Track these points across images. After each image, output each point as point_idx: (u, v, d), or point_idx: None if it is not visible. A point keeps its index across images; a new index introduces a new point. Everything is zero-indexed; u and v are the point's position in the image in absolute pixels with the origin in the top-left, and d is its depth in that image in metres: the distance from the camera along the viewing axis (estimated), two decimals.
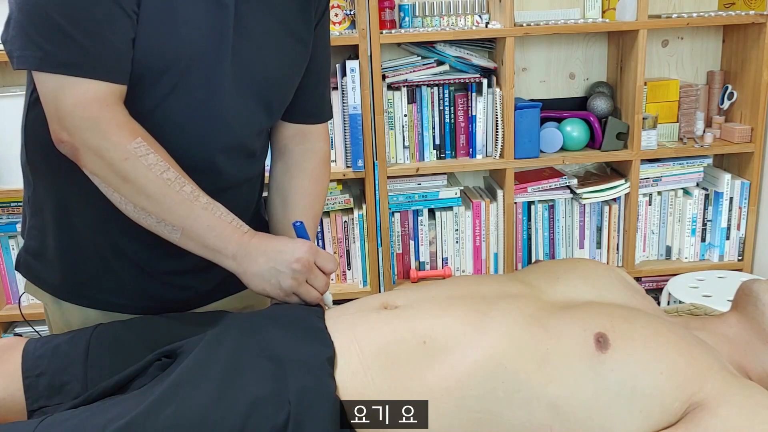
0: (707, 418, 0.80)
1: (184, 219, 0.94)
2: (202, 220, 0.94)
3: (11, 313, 2.34)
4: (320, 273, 1.01)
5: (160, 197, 0.92)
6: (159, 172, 0.91)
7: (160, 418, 0.80)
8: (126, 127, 0.91)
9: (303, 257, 0.98)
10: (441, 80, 2.27)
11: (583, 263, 1.08)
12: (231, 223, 0.96)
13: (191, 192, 0.93)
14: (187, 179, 0.94)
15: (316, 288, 1.01)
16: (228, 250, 0.96)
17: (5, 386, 0.94)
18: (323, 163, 1.24)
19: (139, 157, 0.90)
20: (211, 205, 0.95)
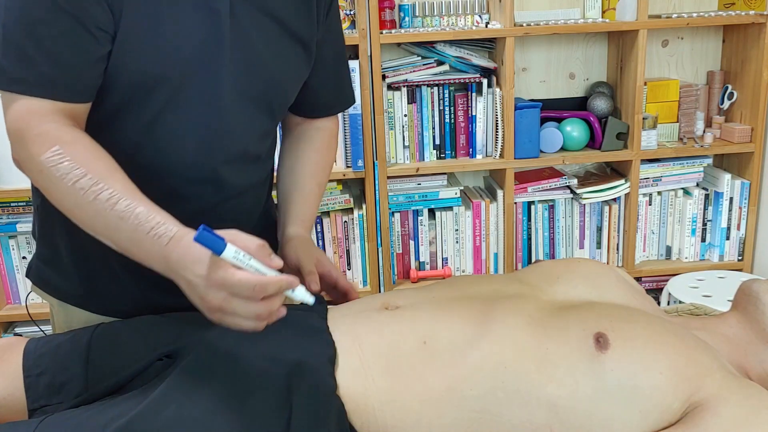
0: (707, 417, 0.80)
1: (105, 231, 0.83)
2: (121, 233, 0.82)
3: (11, 313, 2.34)
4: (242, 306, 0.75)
5: (75, 209, 0.84)
6: (71, 181, 0.81)
7: (160, 418, 0.80)
8: (47, 136, 0.83)
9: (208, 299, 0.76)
10: (441, 80, 2.27)
11: (583, 263, 1.07)
12: (148, 234, 0.80)
13: (107, 200, 0.81)
14: (108, 183, 0.82)
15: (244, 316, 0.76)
16: (155, 266, 0.82)
17: (6, 386, 0.94)
18: (331, 137, 1.23)
19: (51, 167, 0.82)
20: (128, 212, 0.80)
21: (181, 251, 0.78)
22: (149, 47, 0.89)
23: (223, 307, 0.75)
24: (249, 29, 0.97)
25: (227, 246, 0.72)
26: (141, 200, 0.82)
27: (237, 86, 0.97)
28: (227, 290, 0.73)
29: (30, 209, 2.26)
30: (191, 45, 0.91)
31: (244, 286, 0.73)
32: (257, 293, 0.73)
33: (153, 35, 0.89)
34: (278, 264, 0.77)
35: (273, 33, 1.01)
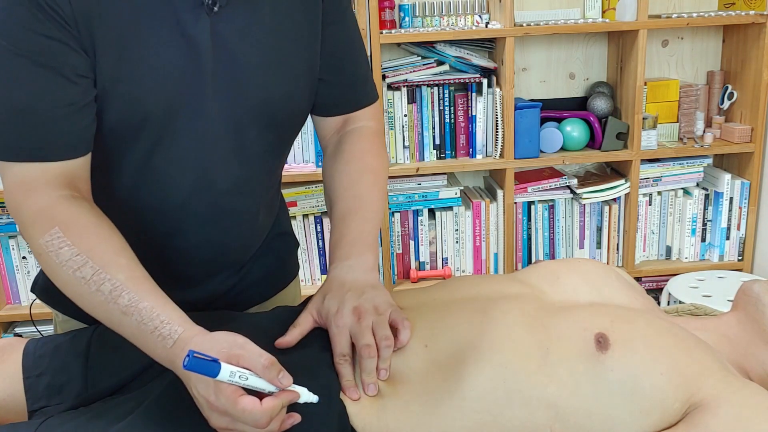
0: (707, 418, 0.80)
1: (109, 323, 0.79)
2: (125, 328, 0.78)
3: (11, 313, 2.34)
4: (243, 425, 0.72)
5: (77, 297, 0.79)
6: (72, 269, 0.77)
7: (161, 420, 0.80)
8: (43, 216, 0.79)
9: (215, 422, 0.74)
10: (441, 80, 2.27)
11: (584, 263, 1.07)
12: (152, 333, 0.76)
13: (110, 292, 0.76)
14: (111, 272, 0.77)
15: None
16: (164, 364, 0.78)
17: (5, 386, 0.94)
18: (364, 139, 1.06)
19: (50, 252, 0.78)
20: (131, 307, 0.76)
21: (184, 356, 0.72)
22: (128, 89, 0.84)
23: (230, 428, 0.73)
24: (236, 50, 0.89)
25: (222, 368, 0.69)
26: (146, 292, 0.78)
27: (230, 113, 0.91)
28: (231, 416, 0.71)
29: None
30: (171, 80, 0.86)
31: (247, 417, 0.71)
32: (261, 423, 0.71)
33: (130, 76, 0.84)
34: (287, 384, 0.74)
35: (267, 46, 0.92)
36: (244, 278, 1.10)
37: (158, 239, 0.96)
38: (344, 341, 0.85)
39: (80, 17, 0.79)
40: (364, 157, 1.04)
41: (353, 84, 1.08)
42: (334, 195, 1.02)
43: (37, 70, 0.78)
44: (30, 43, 0.78)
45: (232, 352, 0.72)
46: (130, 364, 0.92)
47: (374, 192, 1.02)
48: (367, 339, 0.84)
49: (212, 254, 1.01)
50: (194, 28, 0.86)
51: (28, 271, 2.34)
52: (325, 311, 0.89)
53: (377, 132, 1.09)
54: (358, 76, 1.08)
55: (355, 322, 0.86)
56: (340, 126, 1.09)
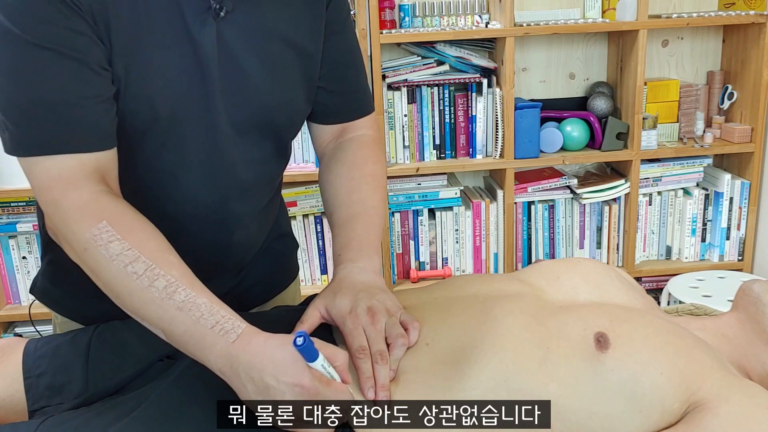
0: (707, 418, 0.80)
1: (159, 322, 0.77)
2: (178, 325, 0.76)
3: (11, 313, 2.34)
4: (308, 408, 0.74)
5: (126, 294, 0.77)
6: (123, 264, 0.75)
7: (162, 420, 0.80)
8: (88, 209, 0.78)
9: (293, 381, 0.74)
10: (441, 80, 2.27)
11: (584, 263, 1.07)
12: (213, 329, 0.75)
13: (164, 288, 0.75)
14: (165, 268, 0.77)
15: None
16: (211, 364, 0.77)
17: (6, 386, 0.94)
18: (365, 146, 1.06)
19: (99, 246, 0.76)
20: (189, 303, 0.75)
21: (254, 351, 0.74)
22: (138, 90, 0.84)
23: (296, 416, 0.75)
24: (240, 55, 0.90)
25: (320, 357, 0.74)
26: (201, 290, 0.77)
27: (233, 117, 0.92)
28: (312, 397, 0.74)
29: (30, 209, 2.26)
30: (178, 83, 0.86)
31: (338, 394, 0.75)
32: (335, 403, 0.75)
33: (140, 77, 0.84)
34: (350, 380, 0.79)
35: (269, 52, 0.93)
36: (245, 280, 1.10)
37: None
38: (362, 336, 0.85)
39: (98, 14, 0.80)
40: (366, 164, 1.05)
41: (352, 93, 1.08)
42: (336, 200, 1.03)
43: (63, 61, 0.78)
44: (53, 35, 0.77)
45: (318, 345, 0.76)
46: (130, 364, 0.92)
47: (377, 198, 1.03)
48: (381, 345, 0.85)
49: (213, 257, 1.01)
50: (201, 32, 0.86)
51: (28, 271, 2.34)
52: (336, 309, 0.88)
53: (376, 140, 1.09)
54: (358, 86, 1.09)
55: (369, 322, 0.86)
56: (337, 134, 1.09)
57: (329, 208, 1.04)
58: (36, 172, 0.80)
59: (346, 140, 1.08)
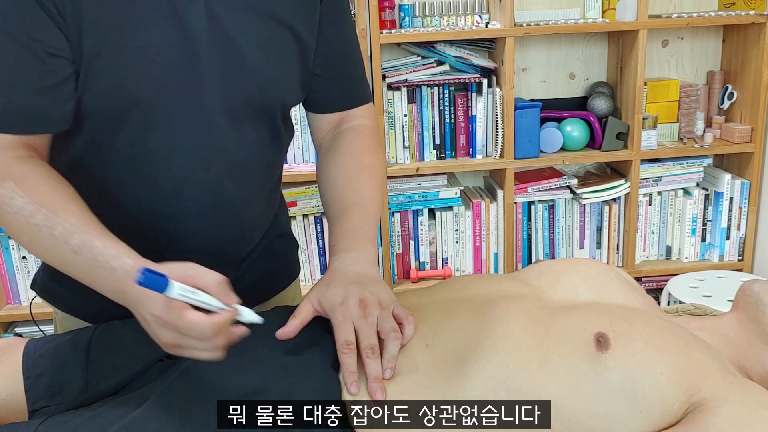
0: (708, 418, 0.80)
1: (62, 265, 0.82)
2: (77, 267, 0.81)
3: (11, 313, 2.34)
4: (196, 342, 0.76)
5: (30, 244, 0.83)
6: (25, 217, 0.80)
7: (162, 420, 0.80)
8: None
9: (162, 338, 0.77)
10: (441, 80, 2.27)
11: (584, 263, 1.07)
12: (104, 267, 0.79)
13: (61, 234, 0.79)
14: (62, 217, 0.80)
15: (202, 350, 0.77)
16: (117, 299, 0.80)
17: (6, 387, 0.94)
18: (362, 137, 1.06)
19: (3, 204, 0.81)
20: (84, 246, 0.79)
21: (135, 294, 0.75)
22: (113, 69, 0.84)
23: (179, 344, 0.76)
24: (231, 33, 0.89)
25: (170, 284, 0.72)
26: (96, 233, 0.80)
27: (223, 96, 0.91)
28: (179, 331, 0.74)
29: None
30: (163, 62, 0.86)
31: (194, 329, 0.73)
32: (207, 335, 0.74)
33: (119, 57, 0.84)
34: (234, 301, 0.77)
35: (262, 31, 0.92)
36: (244, 278, 1.10)
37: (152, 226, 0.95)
38: (349, 330, 0.84)
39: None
40: (362, 155, 1.05)
41: (350, 83, 1.08)
42: (333, 190, 1.03)
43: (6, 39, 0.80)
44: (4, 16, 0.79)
45: (185, 273, 0.74)
46: (130, 364, 0.92)
47: (373, 188, 1.02)
48: (371, 340, 0.84)
49: (206, 245, 1.00)
50: (187, 9, 0.86)
51: (28, 271, 2.34)
52: (328, 301, 0.88)
53: (374, 130, 1.09)
54: (355, 77, 1.09)
55: (360, 315, 0.85)
56: (335, 124, 1.09)
57: (326, 198, 1.04)
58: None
59: (343, 130, 1.08)
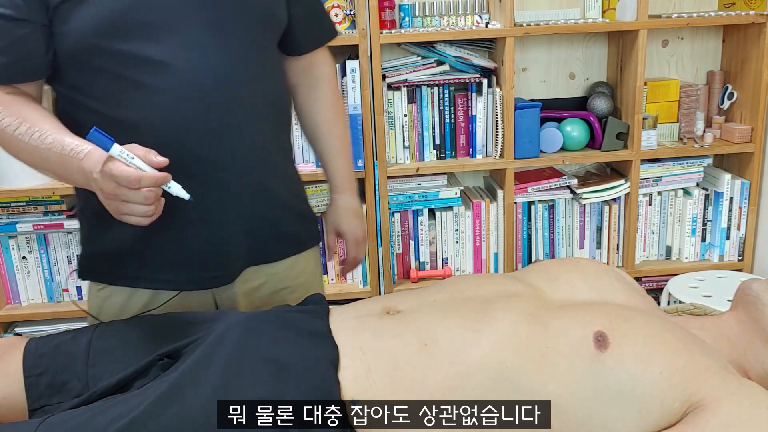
0: (707, 418, 0.80)
1: (43, 163, 1.00)
2: (52, 161, 0.98)
3: (11, 313, 2.34)
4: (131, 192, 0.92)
5: (18, 152, 1.01)
6: (12, 130, 0.99)
7: (162, 419, 0.80)
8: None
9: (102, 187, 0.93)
10: (441, 80, 2.27)
11: (583, 263, 1.08)
12: (69, 154, 0.96)
13: (39, 137, 0.98)
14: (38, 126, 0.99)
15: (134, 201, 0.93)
16: (81, 182, 0.98)
17: (6, 386, 0.94)
18: (332, 84, 1.34)
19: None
20: (56, 142, 0.97)
21: (90, 160, 0.94)
22: None
23: (116, 194, 0.92)
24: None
25: (113, 145, 0.91)
26: (66, 134, 0.98)
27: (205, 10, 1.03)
28: (114, 180, 0.90)
29: (30, 209, 2.26)
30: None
31: (125, 176, 0.90)
32: (135, 183, 0.90)
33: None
34: (160, 162, 0.93)
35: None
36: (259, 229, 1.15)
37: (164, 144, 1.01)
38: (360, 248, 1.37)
39: None
40: (337, 103, 1.35)
41: (316, 17, 1.28)
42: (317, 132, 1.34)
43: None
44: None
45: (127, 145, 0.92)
46: (130, 363, 0.92)
47: (347, 131, 1.38)
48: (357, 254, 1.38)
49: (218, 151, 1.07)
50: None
51: (28, 271, 2.34)
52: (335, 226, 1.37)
53: (334, 74, 1.36)
54: (318, 10, 1.29)
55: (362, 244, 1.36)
56: (304, 66, 1.30)
57: (310, 136, 1.36)
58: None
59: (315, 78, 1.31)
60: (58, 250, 2.33)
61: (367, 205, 2.29)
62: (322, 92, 1.32)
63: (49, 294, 2.37)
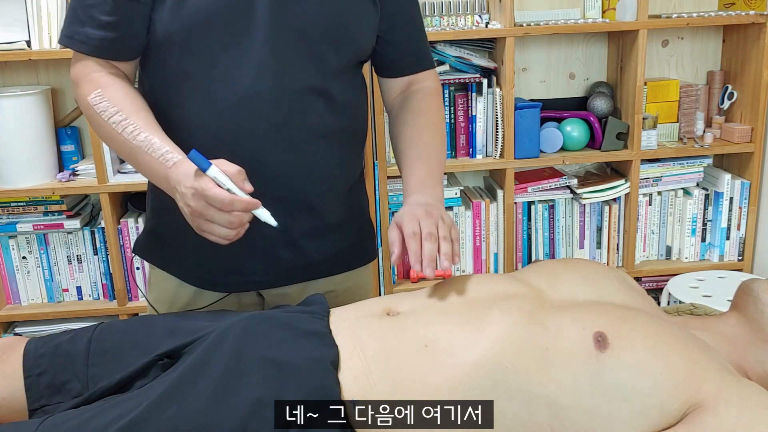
0: (707, 418, 0.80)
1: (129, 158, 1.03)
2: (139, 159, 1.00)
3: (11, 313, 2.34)
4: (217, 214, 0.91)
5: (109, 139, 1.04)
6: (107, 117, 1.01)
7: (162, 419, 0.81)
8: (93, 81, 1.04)
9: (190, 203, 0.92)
10: (441, 80, 2.26)
11: (583, 263, 1.08)
12: (159, 159, 0.98)
13: (131, 132, 0.99)
14: (133, 120, 1.00)
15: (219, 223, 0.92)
16: (162, 186, 1.00)
17: (6, 386, 0.94)
18: (428, 96, 1.23)
19: (94, 105, 1.02)
20: (146, 142, 0.99)
21: (179, 171, 0.95)
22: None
23: (203, 213, 0.91)
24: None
25: (211, 167, 0.91)
26: (156, 133, 1.00)
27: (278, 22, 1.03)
28: (205, 200, 0.90)
29: (30, 209, 2.26)
30: None
31: (218, 198, 0.90)
32: (227, 206, 0.90)
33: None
34: (249, 189, 0.93)
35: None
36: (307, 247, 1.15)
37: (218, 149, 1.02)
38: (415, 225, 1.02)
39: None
40: (430, 112, 1.22)
41: (418, 49, 1.24)
42: (403, 142, 1.20)
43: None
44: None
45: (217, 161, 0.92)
46: (130, 363, 0.92)
47: (439, 140, 1.21)
48: (431, 229, 1.01)
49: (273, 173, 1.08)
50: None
51: (28, 271, 2.34)
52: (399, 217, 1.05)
53: (438, 91, 1.26)
54: (422, 43, 1.25)
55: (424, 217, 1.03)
56: (404, 88, 1.25)
57: (398, 148, 1.21)
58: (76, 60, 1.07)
59: (412, 92, 1.23)
60: (58, 250, 2.33)
61: None
62: (414, 102, 1.22)
63: (49, 294, 2.37)
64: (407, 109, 1.22)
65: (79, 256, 2.34)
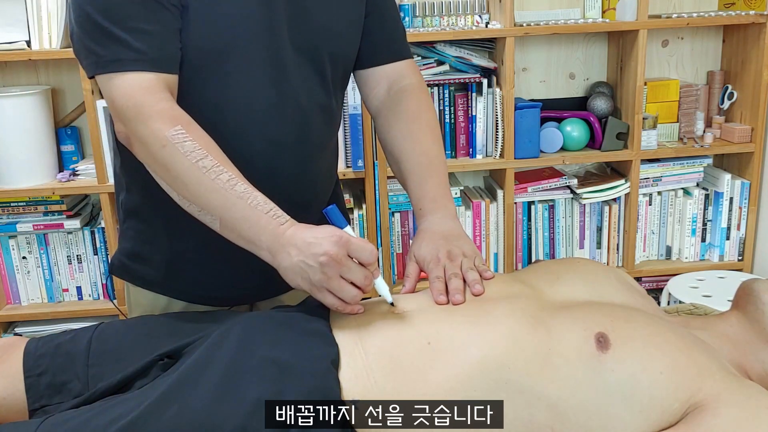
0: (707, 418, 0.80)
1: (220, 209, 0.91)
2: (236, 210, 0.90)
3: (11, 313, 2.34)
4: (355, 265, 0.88)
5: (195, 185, 0.91)
6: (195, 159, 0.90)
7: (163, 419, 0.81)
8: (167, 114, 0.92)
9: (330, 250, 0.86)
10: (441, 80, 2.27)
11: (583, 263, 1.08)
12: (267, 214, 0.91)
13: (227, 180, 0.90)
14: (227, 167, 0.91)
15: (354, 281, 0.89)
16: (262, 242, 0.91)
17: (6, 386, 0.94)
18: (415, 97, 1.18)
19: (176, 144, 0.90)
20: (247, 194, 0.90)
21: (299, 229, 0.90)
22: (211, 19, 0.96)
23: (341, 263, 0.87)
24: None
25: (347, 226, 0.91)
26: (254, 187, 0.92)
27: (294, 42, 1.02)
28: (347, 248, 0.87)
29: (30, 209, 2.26)
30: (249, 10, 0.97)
31: (363, 247, 0.87)
32: (371, 257, 0.87)
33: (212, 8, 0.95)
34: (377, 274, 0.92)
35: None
36: None
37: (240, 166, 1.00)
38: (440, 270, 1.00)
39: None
40: (421, 115, 1.17)
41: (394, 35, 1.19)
42: (401, 152, 1.16)
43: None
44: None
45: None
46: (130, 363, 0.92)
47: (438, 146, 1.16)
48: (456, 270, 0.99)
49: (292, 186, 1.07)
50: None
51: (28, 271, 2.34)
52: (421, 256, 1.04)
53: (422, 87, 1.20)
54: (397, 30, 1.20)
55: (448, 261, 1.01)
56: (387, 86, 1.19)
57: (393, 158, 1.17)
58: (118, 84, 0.92)
59: (396, 92, 1.18)
60: (58, 250, 2.33)
61: (367, 205, 2.29)
62: (403, 106, 1.17)
63: (49, 294, 2.37)
64: (397, 115, 1.17)
65: (79, 256, 2.34)
